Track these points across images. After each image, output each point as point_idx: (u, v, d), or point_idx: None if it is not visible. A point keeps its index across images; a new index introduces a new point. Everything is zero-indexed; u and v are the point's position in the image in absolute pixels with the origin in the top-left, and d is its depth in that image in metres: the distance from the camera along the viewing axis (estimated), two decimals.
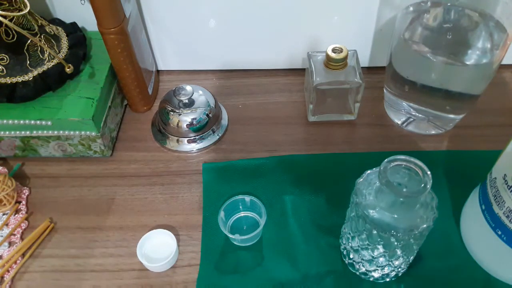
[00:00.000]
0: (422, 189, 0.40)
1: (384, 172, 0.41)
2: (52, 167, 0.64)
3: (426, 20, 0.58)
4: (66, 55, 0.62)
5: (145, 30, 0.69)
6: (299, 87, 0.73)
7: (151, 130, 0.68)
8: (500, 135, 0.55)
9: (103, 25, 0.58)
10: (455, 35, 0.56)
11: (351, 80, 0.62)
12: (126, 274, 0.54)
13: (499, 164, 0.47)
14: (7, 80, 0.58)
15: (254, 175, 0.61)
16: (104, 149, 0.63)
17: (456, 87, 0.58)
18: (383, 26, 0.68)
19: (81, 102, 0.60)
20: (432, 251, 0.53)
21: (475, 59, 0.55)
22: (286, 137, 0.66)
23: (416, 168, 0.41)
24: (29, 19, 0.58)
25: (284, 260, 0.53)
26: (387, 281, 0.51)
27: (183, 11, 0.67)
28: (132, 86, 0.66)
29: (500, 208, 0.46)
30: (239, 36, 0.70)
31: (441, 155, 0.62)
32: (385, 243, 0.44)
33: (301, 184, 0.60)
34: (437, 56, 0.55)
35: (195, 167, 0.63)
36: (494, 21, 0.54)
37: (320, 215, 0.57)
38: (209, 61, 0.75)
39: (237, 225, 0.57)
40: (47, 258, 0.55)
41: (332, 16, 0.67)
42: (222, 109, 0.69)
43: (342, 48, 0.60)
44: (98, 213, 0.59)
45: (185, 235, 0.57)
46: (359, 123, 0.67)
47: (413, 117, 0.64)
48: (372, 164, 0.45)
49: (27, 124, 0.59)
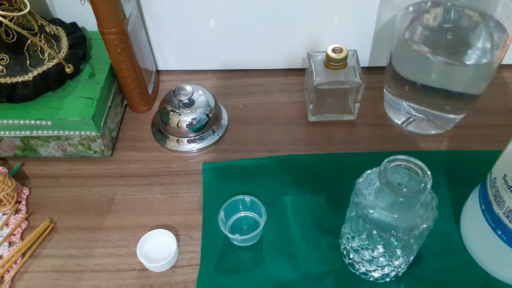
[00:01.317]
0: (422, 189, 0.40)
1: (384, 172, 0.41)
2: (52, 167, 0.64)
3: (426, 20, 0.58)
4: (66, 55, 0.62)
5: (145, 30, 0.69)
6: (299, 87, 0.73)
7: (151, 130, 0.68)
8: (500, 135, 0.55)
9: (103, 25, 0.58)
10: (455, 35, 0.56)
11: (351, 80, 0.62)
12: (126, 274, 0.54)
13: (499, 164, 0.47)
14: (7, 80, 0.58)
15: (254, 175, 0.61)
16: (104, 149, 0.63)
17: (456, 87, 0.58)
18: (383, 26, 0.68)
19: (81, 102, 0.60)
20: (432, 251, 0.53)
21: (475, 59, 0.55)
22: (286, 137, 0.66)
23: (416, 168, 0.41)
24: (29, 19, 0.58)
25: (284, 260, 0.53)
26: (387, 281, 0.51)
27: (183, 11, 0.67)
28: (132, 86, 0.66)
29: (500, 208, 0.46)
30: (239, 36, 0.70)
31: (441, 155, 0.62)
32: (385, 243, 0.44)
33: (301, 184, 0.60)
34: (437, 56, 0.55)
35: (195, 167, 0.63)
36: (494, 21, 0.54)
37: (320, 215, 0.57)
38: (209, 61, 0.75)
39: (237, 225, 0.57)
40: (47, 258, 0.55)
41: (332, 16, 0.67)
42: (222, 109, 0.69)
43: (342, 48, 0.60)
44: (98, 213, 0.59)
45: (185, 235, 0.57)
46: (359, 123, 0.67)
47: (413, 117, 0.64)
48: (372, 164, 0.45)
49: (27, 124, 0.59)
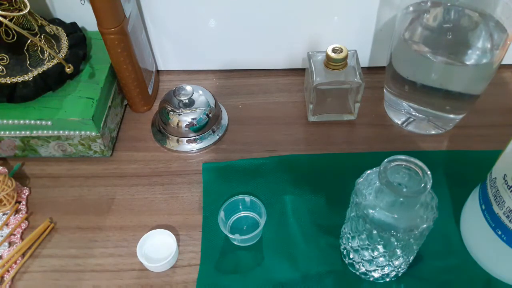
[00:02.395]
0: (422, 189, 0.40)
1: (384, 172, 0.41)
2: (52, 167, 0.64)
3: (426, 20, 0.58)
4: (66, 55, 0.62)
5: (145, 30, 0.69)
6: (299, 87, 0.73)
7: (151, 130, 0.68)
8: (500, 135, 0.55)
9: (103, 25, 0.58)
10: (455, 35, 0.56)
11: (351, 80, 0.62)
12: (126, 274, 0.54)
13: (499, 164, 0.47)
14: (7, 80, 0.58)
15: (254, 175, 0.61)
16: (104, 149, 0.63)
17: (456, 87, 0.58)
18: (383, 26, 0.68)
19: (81, 102, 0.60)
20: (432, 251, 0.53)
21: (475, 59, 0.55)
22: (286, 137, 0.66)
23: (416, 168, 0.41)
24: (29, 19, 0.58)
25: (284, 260, 0.53)
26: (387, 281, 0.51)
27: (183, 11, 0.67)
28: (132, 86, 0.66)
29: (500, 208, 0.46)
30: (239, 36, 0.70)
31: (441, 155, 0.62)
32: (385, 243, 0.44)
33: (301, 184, 0.60)
34: (437, 56, 0.55)
35: (195, 167, 0.63)
36: (494, 21, 0.54)
37: (320, 215, 0.57)
38: (209, 61, 0.75)
39: (237, 225, 0.57)
40: (47, 258, 0.55)
41: (332, 16, 0.67)
42: (222, 109, 0.69)
43: (342, 48, 0.60)
44: (98, 213, 0.59)
45: (185, 235, 0.57)
46: (359, 123, 0.67)
47: (413, 117, 0.64)
48: (372, 164, 0.45)
49: (27, 124, 0.59)
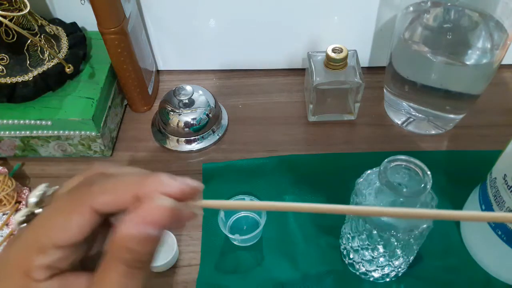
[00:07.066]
0: (422, 189, 0.40)
1: (384, 172, 0.41)
2: (52, 167, 0.64)
3: (426, 20, 0.58)
4: (66, 55, 0.62)
5: (145, 30, 0.69)
6: (299, 87, 0.73)
7: (151, 130, 0.68)
8: (500, 135, 0.55)
9: (103, 25, 0.58)
10: (455, 35, 0.56)
11: (351, 80, 0.62)
12: None
13: (499, 164, 0.46)
14: (7, 80, 0.58)
15: (254, 175, 0.61)
16: (104, 149, 0.63)
17: (456, 87, 0.58)
18: (383, 26, 0.68)
19: (81, 102, 0.60)
20: (432, 251, 0.53)
21: (475, 59, 0.55)
22: (286, 137, 0.66)
23: (416, 168, 0.41)
24: (29, 19, 0.57)
25: (284, 260, 0.53)
26: (387, 281, 0.51)
27: (183, 11, 0.67)
28: (132, 86, 0.66)
29: (500, 208, 0.45)
30: (239, 36, 0.70)
31: (441, 155, 0.62)
32: (385, 243, 0.44)
33: (301, 184, 0.60)
34: (437, 56, 0.55)
35: (195, 167, 0.63)
36: (494, 21, 0.54)
37: (320, 215, 0.57)
38: (209, 61, 0.75)
39: (237, 225, 0.57)
40: None
41: (332, 16, 0.67)
42: (222, 109, 0.69)
43: (342, 48, 0.60)
44: None
45: (185, 235, 0.56)
46: (359, 123, 0.67)
47: (413, 117, 0.64)
48: (372, 164, 0.45)
49: (27, 124, 0.59)
